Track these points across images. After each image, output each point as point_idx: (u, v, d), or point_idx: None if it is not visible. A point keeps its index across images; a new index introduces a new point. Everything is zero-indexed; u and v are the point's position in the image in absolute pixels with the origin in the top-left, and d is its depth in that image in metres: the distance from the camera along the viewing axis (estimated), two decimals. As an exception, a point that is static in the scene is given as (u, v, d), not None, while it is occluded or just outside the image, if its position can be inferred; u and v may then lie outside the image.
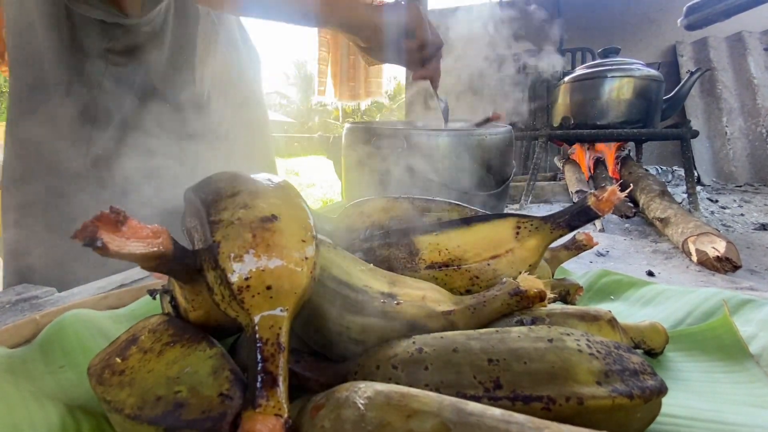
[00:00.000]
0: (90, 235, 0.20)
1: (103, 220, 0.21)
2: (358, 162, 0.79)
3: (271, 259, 0.23)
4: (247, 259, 0.23)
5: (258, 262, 0.23)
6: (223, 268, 0.23)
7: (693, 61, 1.92)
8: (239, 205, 0.25)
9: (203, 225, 0.26)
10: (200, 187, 0.29)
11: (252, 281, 0.23)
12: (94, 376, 0.26)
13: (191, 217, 0.29)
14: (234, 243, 0.23)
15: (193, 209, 0.29)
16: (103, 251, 0.21)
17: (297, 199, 0.28)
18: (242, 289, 0.22)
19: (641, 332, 0.32)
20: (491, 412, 0.17)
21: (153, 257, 0.23)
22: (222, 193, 0.27)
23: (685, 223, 0.76)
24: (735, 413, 0.26)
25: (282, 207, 0.26)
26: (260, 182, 0.28)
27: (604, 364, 0.21)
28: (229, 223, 0.24)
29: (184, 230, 0.30)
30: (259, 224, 0.24)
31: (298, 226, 0.25)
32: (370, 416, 0.18)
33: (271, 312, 0.22)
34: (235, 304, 0.23)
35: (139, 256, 0.22)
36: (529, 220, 0.34)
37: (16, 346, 0.36)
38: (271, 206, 0.25)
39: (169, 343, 0.26)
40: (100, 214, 0.21)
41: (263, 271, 0.23)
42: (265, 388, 0.20)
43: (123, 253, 0.21)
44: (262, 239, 0.24)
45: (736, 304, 0.40)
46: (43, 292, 0.50)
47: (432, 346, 0.24)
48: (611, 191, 0.31)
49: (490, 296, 0.28)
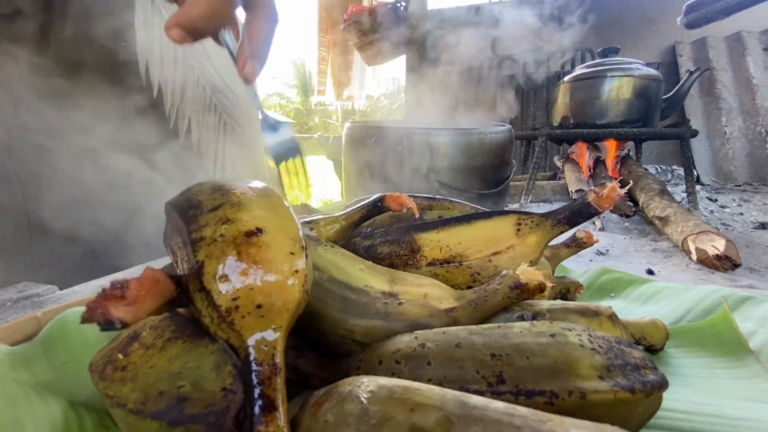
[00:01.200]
0: (103, 317, 0.20)
1: (107, 296, 0.21)
2: (358, 161, 0.79)
3: (259, 276, 0.22)
4: (233, 278, 0.22)
5: (245, 280, 0.22)
6: (209, 289, 0.22)
7: (692, 61, 1.93)
8: (221, 220, 0.24)
9: (185, 244, 0.25)
10: (179, 201, 0.28)
11: (240, 301, 0.22)
12: (96, 372, 0.26)
13: (173, 233, 0.28)
14: (218, 262, 0.22)
15: (174, 225, 0.27)
16: (125, 326, 0.21)
17: (283, 208, 0.26)
18: (231, 310, 0.21)
19: (642, 328, 0.32)
20: (494, 405, 0.17)
21: (164, 305, 0.23)
22: (203, 208, 0.26)
23: (685, 222, 0.76)
24: (735, 408, 0.26)
25: (267, 218, 0.25)
26: (243, 192, 0.26)
27: (606, 359, 0.21)
28: (212, 240, 0.23)
29: (167, 248, 0.29)
30: (243, 239, 0.23)
31: (285, 238, 0.24)
32: (373, 410, 0.18)
33: (264, 333, 0.21)
34: (225, 326, 0.22)
35: (155, 311, 0.22)
36: (529, 217, 0.34)
37: (18, 343, 0.36)
38: (255, 219, 0.24)
39: (170, 339, 0.26)
40: (103, 292, 0.21)
41: (251, 289, 0.22)
42: (264, 413, 0.19)
43: (141, 317, 0.22)
44: (248, 255, 0.22)
45: (735, 300, 0.41)
46: (45, 290, 0.50)
47: (434, 342, 0.24)
48: (611, 188, 0.31)
49: (491, 290, 0.28)
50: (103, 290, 0.21)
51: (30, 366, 0.32)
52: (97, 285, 0.51)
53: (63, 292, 0.50)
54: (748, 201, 1.29)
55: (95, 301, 0.20)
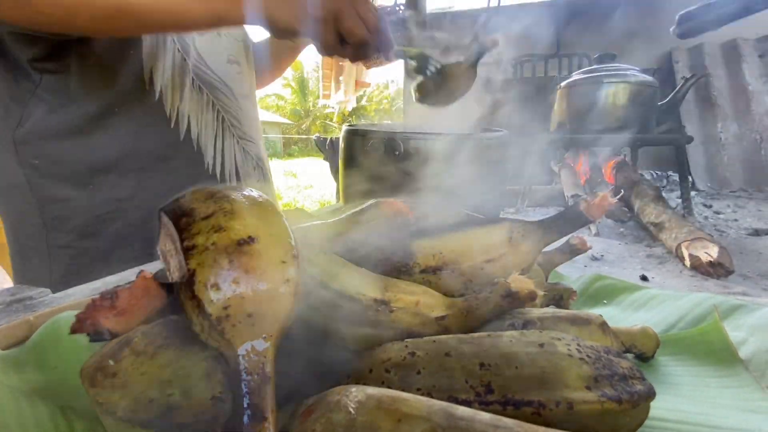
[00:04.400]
0: (93, 328, 0.20)
1: (97, 307, 0.21)
2: (355, 164, 0.79)
3: (250, 285, 0.22)
4: (224, 287, 0.22)
5: (236, 289, 0.22)
6: (200, 298, 0.22)
7: (688, 68, 1.94)
8: (213, 228, 0.24)
9: (177, 251, 0.25)
10: (172, 208, 0.28)
11: (231, 310, 0.22)
12: (87, 378, 0.26)
13: (165, 240, 0.28)
14: (210, 270, 0.22)
15: (166, 232, 0.27)
16: (114, 337, 0.21)
17: (275, 216, 0.26)
18: (221, 319, 0.21)
19: (632, 336, 0.32)
20: (480, 417, 0.17)
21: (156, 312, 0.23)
22: (195, 215, 0.26)
23: (679, 228, 0.77)
24: (724, 417, 0.27)
25: (259, 227, 0.25)
26: (235, 200, 0.27)
27: (594, 369, 0.21)
28: (204, 248, 0.23)
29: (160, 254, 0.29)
30: (235, 248, 0.23)
31: (277, 247, 0.24)
32: (360, 420, 0.18)
33: (254, 342, 0.21)
34: (216, 334, 0.22)
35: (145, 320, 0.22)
36: (522, 225, 0.34)
37: (10, 347, 0.36)
38: (248, 227, 0.24)
39: (162, 345, 0.26)
40: (92, 303, 0.21)
41: (243, 298, 0.22)
42: (253, 423, 0.19)
43: (131, 327, 0.21)
44: (240, 264, 0.22)
45: (727, 308, 0.41)
46: (37, 293, 0.50)
47: (425, 350, 0.24)
48: (602, 197, 0.32)
49: (483, 298, 0.28)
50: (92, 301, 0.21)
51: (21, 371, 0.32)
52: (90, 288, 0.51)
53: (56, 295, 0.50)
54: (743, 207, 1.29)
55: (84, 311, 0.20)
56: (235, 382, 0.21)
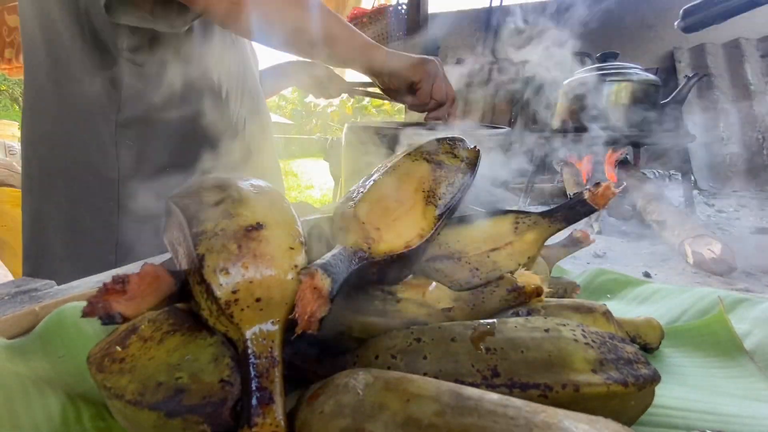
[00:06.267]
0: (105, 312, 0.20)
1: (109, 291, 0.21)
2: (358, 163, 0.79)
3: (258, 270, 0.22)
4: (233, 272, 0.22)
5: (245, 273, 0.22)
6: (209, 282, 0.22)
7: (690, 67, 1.94)
8: (222, 215, 0.24)
9: (186, 238, 0.25)
10: (181, 195, 0.28)
11: (240, 294, 0.22)
12: (94, 364, 0.26)
13: (173, 228, 0.28)
14: (219, 255, 0.23)
15: (174, 220, 0.28)
16: (125, 321, 0.21)
17: (283, 204, 0.27)
18: (230, 303, 0.22)
19: (637, 327, 0.33)
20: (489, 397, 0.17)
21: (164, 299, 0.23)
22: (204, 202, 0.26)
23: (682, 226, 0.77)
24: (728, 405, 0.27)
25: (268, 214, 0.25)
26: (244, 188, 0.27)
27: (599, 353, 0.21)
28: (213, 234, 0.23)
29: (167, 243, 0.29)
30: (244, 234, 0.23)
31: (285, 234, 0.24)
32: (369, 401, 0.18)
33: (262, 326, 0.22)
34: (224, 318, 0.22)
35: (155, 305, 0.23)
36: (527, 215, 0.35)
37: (15, 336, 0.36)
38: (256, 214, 0.24)
39: (169, 331, 0.26)
40: (104, 287, 0.21)
41: (251, 282, 0.22)
42: (261, 405, 0.20)
43: (141, 311, 0.22)
44: (248, 249, 0.23)
45: (731, 302, 0.41)
46: (43, 285, 0.50)
47: (430, 336, 0.24)
48: (605, 186, 0.32)
49: (489, 292, 0.29)
50: (104, 285, 0.21)
51: (27, 359, 0.32)
52: (95, 281, 0.51)
53: (61, 287, 0.50)
54: (745, 206, 1.29)
55: (96, 295, 0.21)
56: (243, 366, 0.21)
